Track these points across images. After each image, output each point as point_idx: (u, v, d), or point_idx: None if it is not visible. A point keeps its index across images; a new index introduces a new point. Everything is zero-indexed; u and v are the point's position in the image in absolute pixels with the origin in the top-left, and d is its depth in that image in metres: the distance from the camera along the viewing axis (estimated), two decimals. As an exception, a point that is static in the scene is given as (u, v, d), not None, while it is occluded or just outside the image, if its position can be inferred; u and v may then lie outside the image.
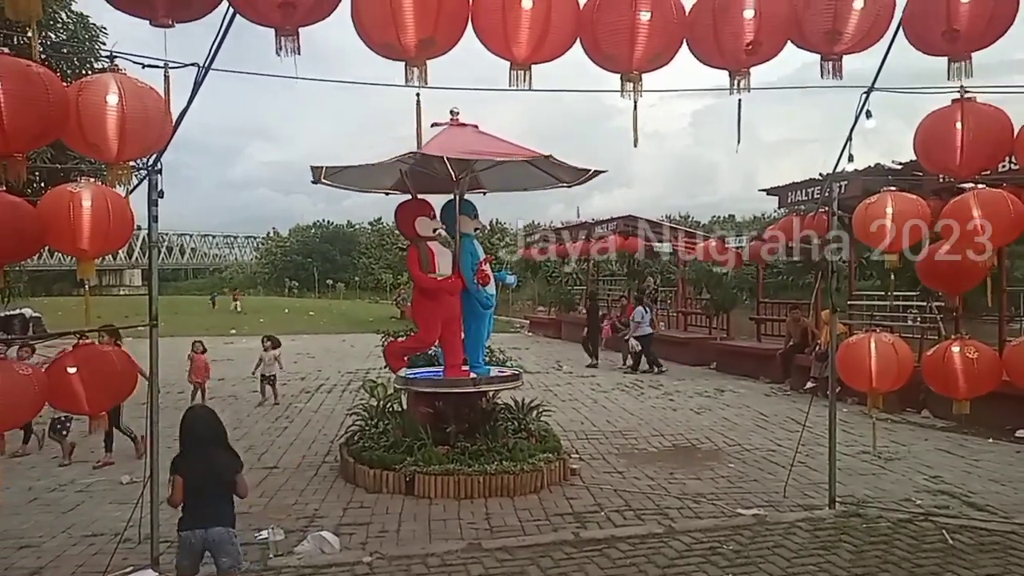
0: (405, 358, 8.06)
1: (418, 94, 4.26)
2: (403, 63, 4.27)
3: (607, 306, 25.03)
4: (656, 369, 16.16)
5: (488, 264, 7.79)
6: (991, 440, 9.41)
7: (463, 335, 7.91)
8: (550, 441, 7.84)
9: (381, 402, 8.21)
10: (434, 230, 7.76)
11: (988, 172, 6.51)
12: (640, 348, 16.36)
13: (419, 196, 7.93)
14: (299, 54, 3.90)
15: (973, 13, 4.58)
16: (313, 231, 79.98)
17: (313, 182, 7.69)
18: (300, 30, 4.07)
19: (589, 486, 7.35)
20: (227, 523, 4.28)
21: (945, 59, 4.81)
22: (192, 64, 4.76)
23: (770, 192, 15.38)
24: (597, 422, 10.55)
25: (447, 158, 7.40)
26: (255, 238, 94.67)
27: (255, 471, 7.92)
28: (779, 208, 16.60)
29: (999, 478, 7.70)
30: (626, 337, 16.93)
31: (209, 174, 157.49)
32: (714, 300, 18.20)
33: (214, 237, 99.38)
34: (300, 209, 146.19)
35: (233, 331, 28.72)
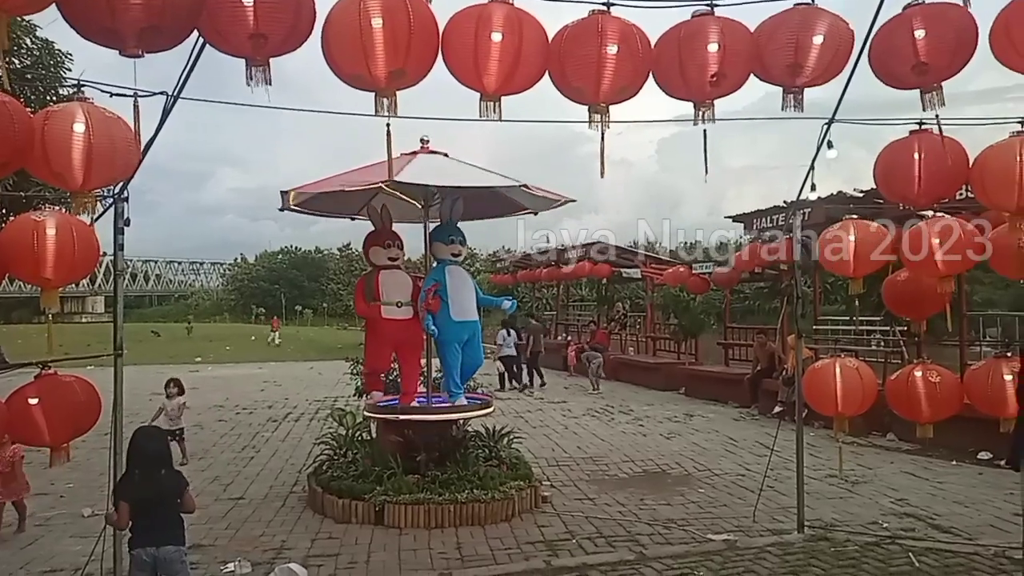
0: (379, 381, 8.03)
1: (388, 124, 4.28)
2: (372, 94, 4.32)
3: (577, 331, 25.16)
4: (519, 385, 17.75)
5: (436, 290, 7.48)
6: (954, 462, 9.58)
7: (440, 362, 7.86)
8: (521, 468, 7.82)
9: (350, 431, 8.14)
10: (389, 258, 7.77)
11: (946, 200, 6.71)
12: (504, 369, 17.82)
13: (390, 224, 7.95)
14: (270, 84, 3.92)
15: (936, 46, 4.74)
16: (280, 257, 79.19)
17: (281, 209, 7.67)
18: (271, 60, 4.10)
19: (561, 513, 7.34)
20: (177, 542, 4.31)
21: (913, 91, 4.98)
22: (161, 92, 4.75)
23: (736, 219, 15.65)
24: (568, 448, 10.54)
25: (415, 184, 7.41)
26: (221, 264, 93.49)
27: (220, 502, 7.80)
28: (744, 234, 16.88)
29: (963, 500, 7.83)
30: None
31: (175, 200, 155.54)
32: (682, 325, 18.39)
33: (180, 263, 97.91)
34: (268, 235, 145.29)
35: (198, 359, 28.28)
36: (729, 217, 16.06)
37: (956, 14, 4.71)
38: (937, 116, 5.26)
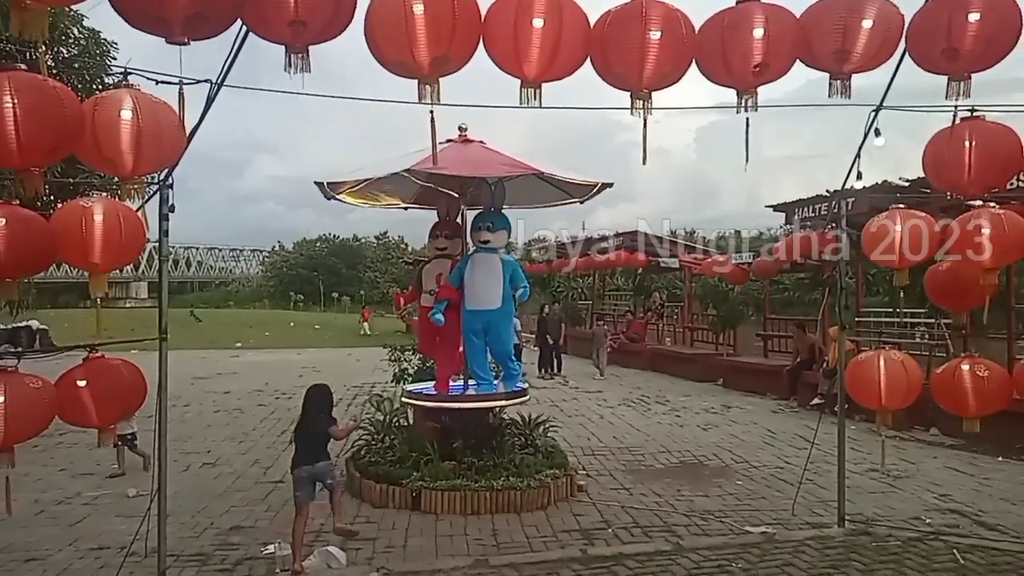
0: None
1: (432, 111, 4.28)
2: (415, 80, 4.32)
3: (613, 321, 25.03)
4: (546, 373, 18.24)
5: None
6: (1000, 458, 9.35)
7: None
8: (557, 457, 7.82)
9: (387, 417, 8.21)
10: (437, 248, 7.86)
11: (997, 190, 6.52)
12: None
13: (456, 214, 8.05)
14: (308, 72, 3.94)
15: (973, 34, 4.59)
16: (319, 245, 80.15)
17: (328, 199, 7.75)
18: (310, 48, 4.12)
19: (596, 502, 7.32)
20: (326, 459, 5.92)
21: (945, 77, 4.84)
22: (205, 80, 4.81)
23: (777, 208, 15.40)
24: (603, 438, 10.51)
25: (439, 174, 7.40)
26: (261, 252, 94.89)
27: (260, 485, 7.93)
28: (786, 224, 16.60)
29: (1010, 497, 7.65)
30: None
31: (216, 187, 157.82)
32: (720, 316, 18.18)
33: (220, 250, 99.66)
34: (306, 223, 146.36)
35: (239, 344, 28.77)
36: (770, 206, 15.81)
37: (1000, 2, 4.55)
38: (971, 109, 5.11)
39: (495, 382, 7.72)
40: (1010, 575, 5.43)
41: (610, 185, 7.89)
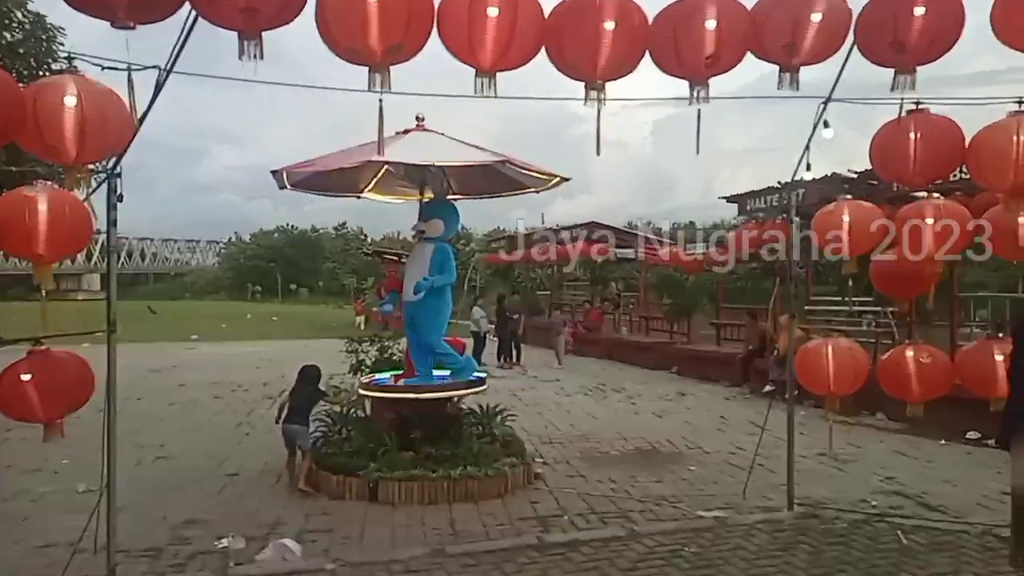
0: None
1: (381, 100, 4.26)
2: (366, 68, 4.29)
3: (572, 311, 25.19)
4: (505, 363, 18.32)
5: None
6: (943, 442, 9.66)
7: None
8: (514, 446, 7.86)
9: (344, 408, 8.17)
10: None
11: (940, 181, 6.71)
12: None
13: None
14: (261, 58, 3.89)
15: (919, 27, 4.73)
16: (276, 236, 79.11)
17: (281, 187, 7.66)
18: (264, 34, 4.06)
19: (553, 490, 7.39)
20: (301, 423, 7.40)
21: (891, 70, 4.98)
22: (153, 67, 4.71)
23: (730, 200, 15.67)
24: (561, 426, 10.61)
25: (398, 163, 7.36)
26: (217, 243, 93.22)
27: (214, 478, 7.84)
28: (738, 215, 16.88)
29: (951, 479, 7.91)
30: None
31: (170, 178, 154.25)
32: (675, 305, 18.46)
33: (175, 242, 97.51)
34: (263, 214, 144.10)
35: (194, 337, 28.27)
36: (723, 198, 16.06)
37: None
38: (915, 102, 5.27)
39: (438, 373, 7.77)
40: (950, 553, 5.62)
41: (567, 179, 7.95)
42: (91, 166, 4.58)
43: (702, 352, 17.12)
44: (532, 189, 8.33)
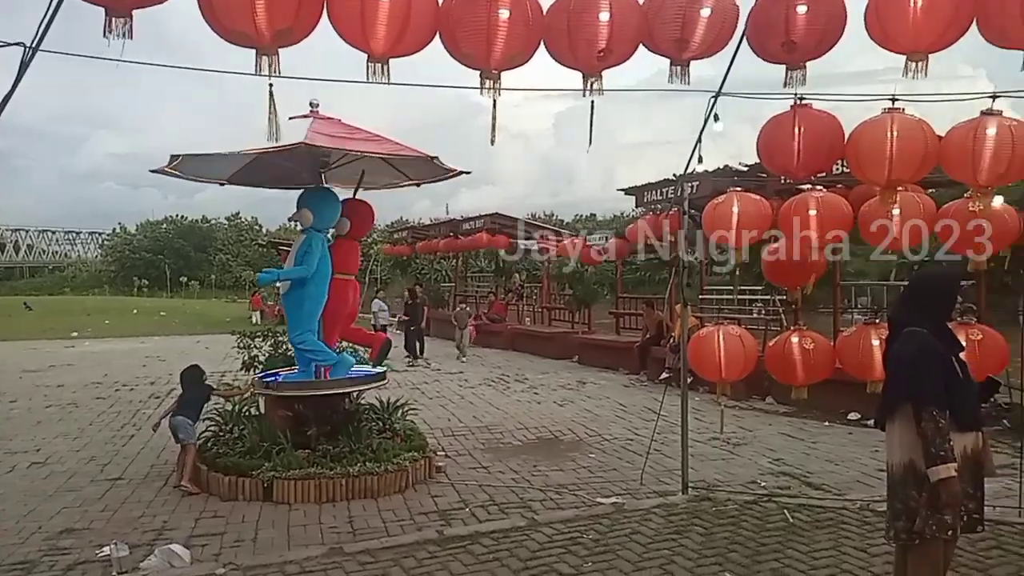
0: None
1: (271, 85, 4.09)
2: (254, 51, 4.11)
3: (476, 303, 25.20)
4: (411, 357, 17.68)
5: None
6: (827, 423, 10.18)
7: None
8: (415, 440, 7.77)
9: (237, 406, 7.87)
10: None
11: (824, 174, 7.02)
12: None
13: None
14: (130, 38, 3.64)
15: (808, 27, 4.93)
16: (165, 227, 75.63)
17: (152, 171, 7.27)
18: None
19: (454, 483, 7.35)
20: (185, 416, 7.26)
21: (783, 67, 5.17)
22: (17, 44, 4.36)
23: (627, 192, 15.99)
24: (463, 418, 10.58)
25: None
26: (100, 234, 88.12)
27: (96, 483, 7.41)
28: (636, 208, 17.26)
29: (834, 458, 8.34)
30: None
31: (49, 165, 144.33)
32: (576, 296, 18.72)
33: (54, 233, 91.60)
34: (150, 203, 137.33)
35: (75, 334, 26.69)
36: (621, 190, 16.37)
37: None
38: (797, 96, 5.50)
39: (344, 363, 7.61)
40: (831, 529, 5.91)
41: (467, 172, 7.89)
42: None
43: (602, 341, 17.45)
44: (425, 180, 8.23)
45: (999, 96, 5.37)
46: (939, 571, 4.03)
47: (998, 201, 6.09)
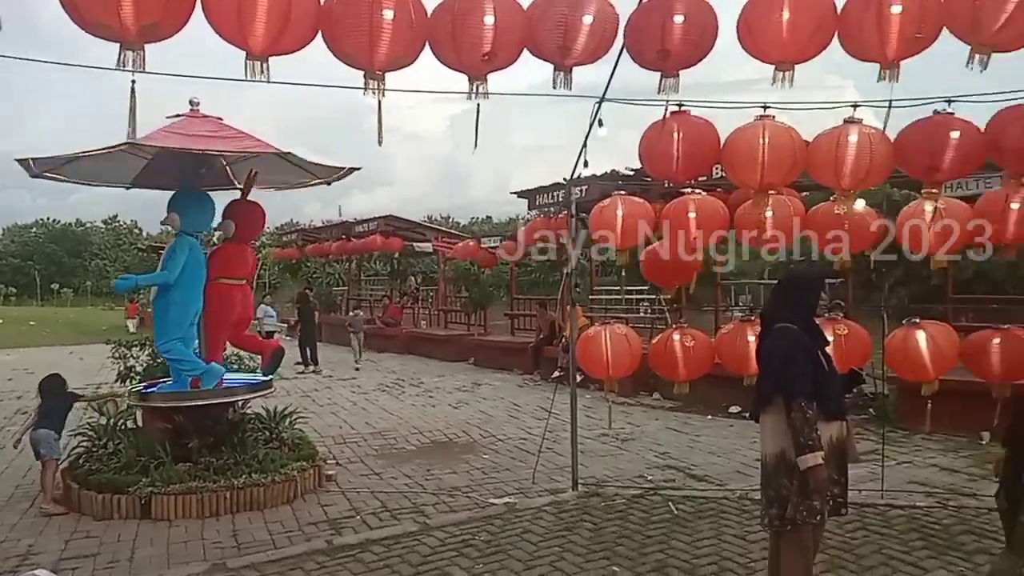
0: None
1: (133, 81, 3.91)
2: (119, 45, 3.91)
3: (370, 306, 24.82)
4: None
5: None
6: (709, 417, 10.60)
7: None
8: (304, 449, 7.57)
9: (112, 420, 7.44)
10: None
11: (704, 178, 7.31)
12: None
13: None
14: (-1, 28, 3.40)
15: (683, 37, 5.12)
16: (35, 231, 70.88)
17: (32, 176, 6.84)
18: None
19: (346, 491, 7.21)
20: (45, 427, 6.85)
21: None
22: None
23: (520, 195, 16.15)
24: (356, 425, 10.40)
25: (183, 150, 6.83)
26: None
27: (-48, 509, 6.85)
28: (529, 211, 17.47)
29: (716, 450, 8.69)
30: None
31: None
32: (472, 298, 18.76)
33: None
34: (17, 206, 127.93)
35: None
36: (514, 193, 16.53)
37: (700, 8, 5.10)
38: (668, 103, 5.72)
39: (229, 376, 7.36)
40: (713, 519, 6.16)
41: (358, 169, 7.75)
42: None
43: (497, 342, 17.56)
44: (322, 181, 8.04)
45: (860, 105, 5.74)
46: (808, 554, 4.27)
47: (860, 204, 6.51)
